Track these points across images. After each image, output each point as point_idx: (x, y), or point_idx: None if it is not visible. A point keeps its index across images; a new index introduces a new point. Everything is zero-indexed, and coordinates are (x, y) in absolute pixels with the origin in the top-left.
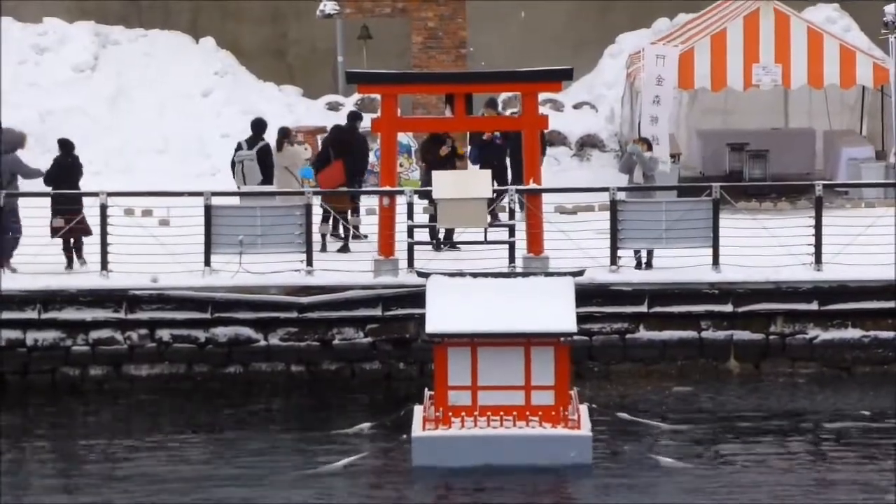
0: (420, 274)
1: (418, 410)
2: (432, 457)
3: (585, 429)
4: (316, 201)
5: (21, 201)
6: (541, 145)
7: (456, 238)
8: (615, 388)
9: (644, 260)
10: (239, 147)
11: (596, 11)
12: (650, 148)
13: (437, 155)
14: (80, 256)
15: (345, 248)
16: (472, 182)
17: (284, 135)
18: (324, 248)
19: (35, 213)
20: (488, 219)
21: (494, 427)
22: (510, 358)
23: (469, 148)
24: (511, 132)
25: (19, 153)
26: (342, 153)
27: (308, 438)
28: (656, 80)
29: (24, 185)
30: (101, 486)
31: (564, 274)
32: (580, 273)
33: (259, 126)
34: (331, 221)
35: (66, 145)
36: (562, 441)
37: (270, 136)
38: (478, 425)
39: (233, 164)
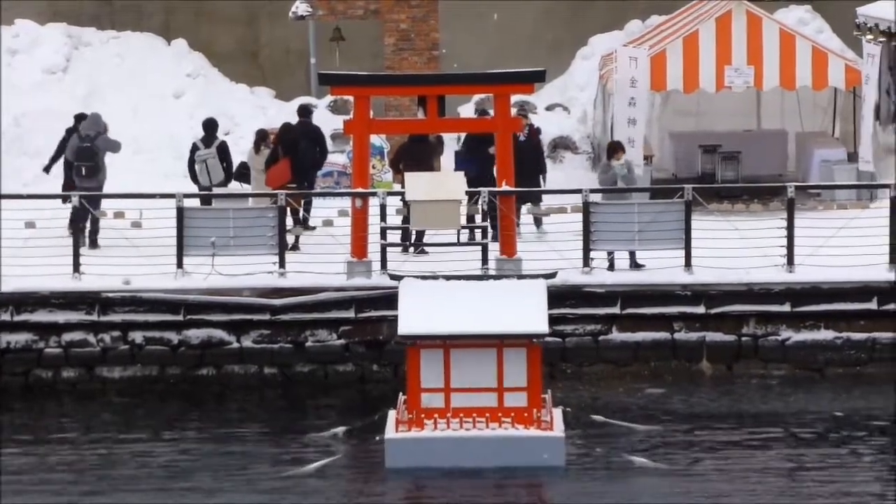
0: (393, 277)
1: (392, 414)
2: (406, 458)
3: (558, 430)
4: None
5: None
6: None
7: (427, 240)
8: (588, 390)
9: (629, 261)
10: (196, 147)
11: (568, 13)
12: (623, 151)
13: (414, 156)
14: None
15: (293, 246)
16: (445, 184)
17: (262, 137)
18: (294, 247)
19: (7, 215)
20: (462, 220)
21: (467, 429)
22: (483, 359)
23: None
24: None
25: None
26: (289, 151)
27: (282, 441)
28: (630, 82)
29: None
30: (69, 484)
31: (537, 276)
32: (553, 275)
33: (211, 125)
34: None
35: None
36: (534, 442)
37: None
38: (451, 427)
39: (192, 164)
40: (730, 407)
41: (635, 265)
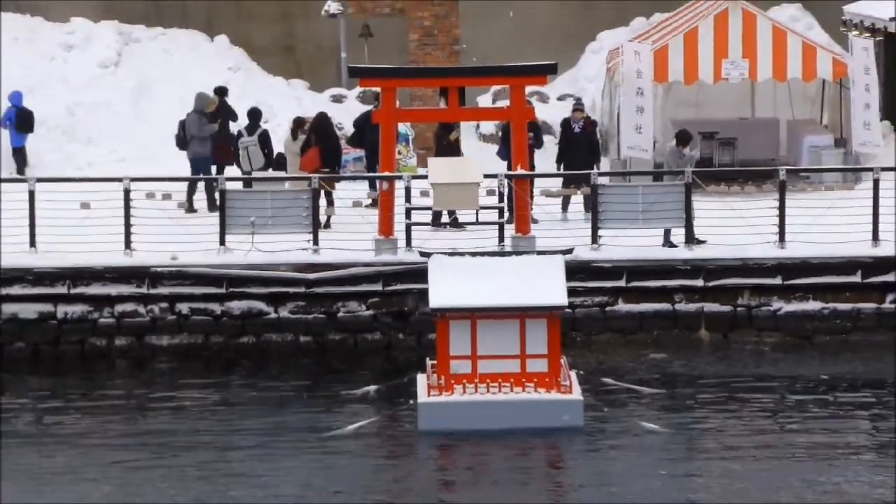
0: (422, 254)
1: (421, 378)
2: (437, 421)
3: (577, 393)
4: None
5: (51, 185)
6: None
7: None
8: (596, 356)
9: (663, 240)
10: (240, 135)
11: (578, 10)
12: (692, 139)
13: (445, 140)
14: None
15: (326, 225)
16: (465, 168)
17: (298, 124)
18: (326, 226)
19: (64, 197)
20: (479, 201)
21: (493, 393)
22: (507, 329)
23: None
24: (588, 125)
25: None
26: (320, 140)
27: (319, 403)
28: (635, 74)
29: None
30: (125, 440)
31: (555, 252)
32: (570, 251)
33: (255, 115)
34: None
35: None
36: (555, 405)
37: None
38: (478, 391)
39: (236, 149)
40: (726, 371)
41: (669, 243)
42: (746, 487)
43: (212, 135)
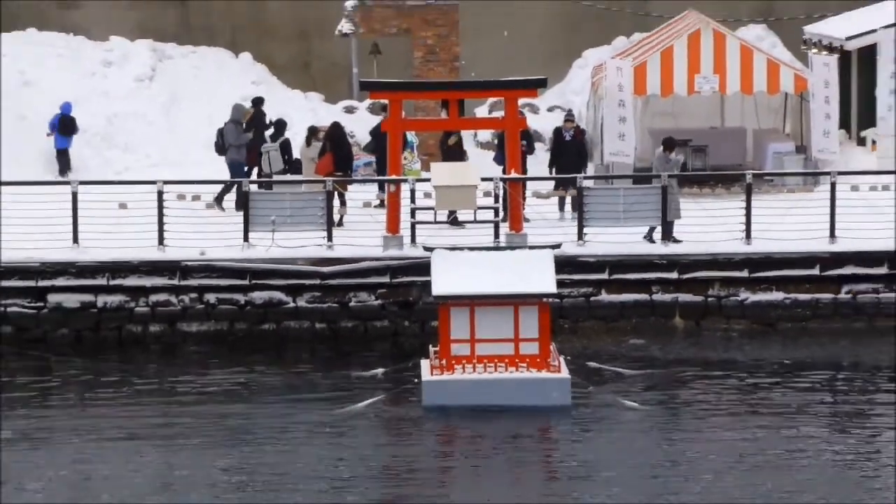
0: (426, 248)
1: (424, 363)
2: (439, 397)
3: (565, 373)
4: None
5: (92, 187)
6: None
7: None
8: (582, 341)
9: (649, 235)
10: (264, 141)
11: (566, 30)
12: (677, 146)
13: (447, 146)
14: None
15: (339, 223)
16: (464, 172)
17: (313, 133)
18: (339, 224)
19: (104, 198)
20: (477, 202)
21: (490, 372)
22: (502, 315)
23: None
24: (577, 133)
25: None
26: (334, 147)
27: (332, 383)
28: (617, 88)
29: None
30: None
31: (545, 247)
32: (557, 246)
33: (281, 125)
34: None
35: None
36: (545, 384)
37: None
38: (476, 371)
39: (259, 153)
40: (698, 355)
41: (651, 238)
42: (716, 450)
43: (247, 142)
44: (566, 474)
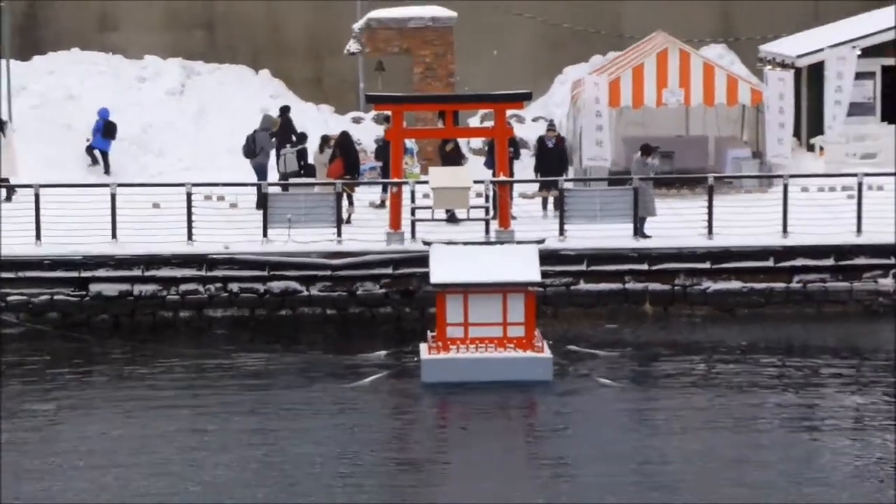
0: (425, 243)
1: (423, 346)
2: (436, 374)
3: (547, 353)
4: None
5: (129, 189)
6: (515, 150)
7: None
8: (563, 326)
9: (641, 231)
10: (291, 144)
11: (548, 50)
12: (654, 150)
13: (445, 152)
14: None
15: (347, 221)
16: (458, 175)
17: (325, 140)
18: (347, 222)
19: (139, 198)
20: (470, 202)
21: (481, 352)
22: (492, 302)
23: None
24: (559, 141)
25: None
26: (343, 153)
27: (341, 362)
28: (594, 101)
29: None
30: (186, 388)
31: (530, 242)
32: (542, 241)
33: (303, 136)
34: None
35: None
36: (530, 362)
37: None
38: (469, 351)
39: (278, 155)
40: (666, 338)
41: (643, 234)
42: (681, 416)
43: (273, 148)
44: (546, 434)
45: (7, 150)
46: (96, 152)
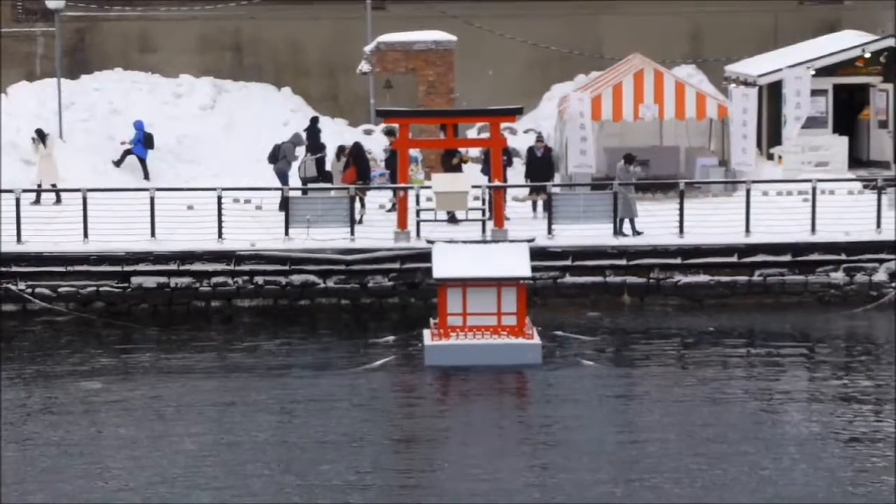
0: (428, 241)
1: (426, 332)
2: (438, 358)
3: (536, 340)
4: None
5: (166, 193)
6: (508, 158)
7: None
8: (549, 315)
9: (632, 230)
10: (305, 154)
11: (537, 70)
12: (635, 159)
13: (450, 163)
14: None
15: (359, 221)
16: (458, 181)
17: (340, 150)
18: (359, 222)
19: (175, 201)
20: (468, 205)
21: (478, 338)
22: (488, 294)
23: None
24: (546, 151)
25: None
26: (356, 162)
27: (354, 346)
28: (579, 115)
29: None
30: (218, 368)
31: (521, 241)
32: (532, 240)
33: (323, 147)
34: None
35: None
36: (522, 348)
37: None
38: (467, 337)
39: (300, 164)
40: (642, 325)
41: (635, 232)
42: (655, 392)
43: (296, 158)
44: (535, 407)
45: (48, 159)
46: (130, 158)
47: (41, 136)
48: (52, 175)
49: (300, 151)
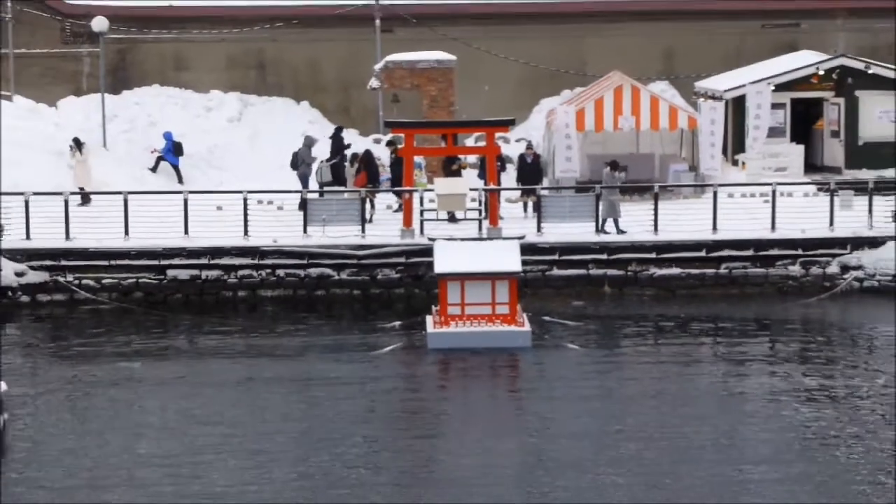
0: (431, 238)
1: (429, 319)
2: (440, 343)
3: (527, 327)
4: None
5: (198, 195)
6: (502, 164)
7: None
8: (539, 304)
9: (616, 228)
10: (323, 161)
11: (528, 86)
12: (619, 166)
13: (450, 168)
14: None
15: (369, 220)
16: (457, 184)
17: (354, 157)
18: (370, 221)
19: (206, 203)
20: (467, 206)
21: (475, 326)
22: (483, 286)
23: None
24: (536, 157)
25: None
26: (366, 167)
27: (365, 332)
28: (565, 126)
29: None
30: (244, 350)
31: (513, 238)
32: (522, 237)
33: (340, 153)
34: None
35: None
36: (514, 334)
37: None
38: (465, 325)
39: (320, 167)
40: (621, 312)
41: (619, 231)
42: (633, 374)
43: (312, 161)
44: (526, 385)
45: (83, 165)
46: (163, 164)
47: (78, 144)
48: (86, 179)
49: (315, 150)
